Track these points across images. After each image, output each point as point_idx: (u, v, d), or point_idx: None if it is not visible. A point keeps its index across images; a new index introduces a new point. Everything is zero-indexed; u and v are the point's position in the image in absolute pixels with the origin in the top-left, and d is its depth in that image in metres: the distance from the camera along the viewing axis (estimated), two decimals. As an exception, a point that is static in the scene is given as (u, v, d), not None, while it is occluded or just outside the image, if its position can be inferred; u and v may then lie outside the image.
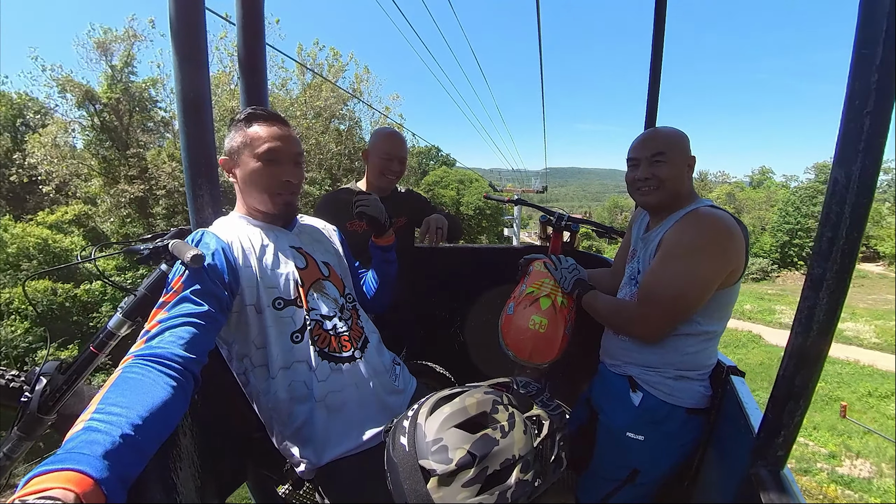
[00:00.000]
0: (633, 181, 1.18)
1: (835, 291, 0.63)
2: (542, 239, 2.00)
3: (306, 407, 0.98)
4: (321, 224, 1.25)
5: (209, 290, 0.84)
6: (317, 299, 1.04)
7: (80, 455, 0.52)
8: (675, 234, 1.08)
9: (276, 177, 0.99)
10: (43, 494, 0.46)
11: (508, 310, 1.40)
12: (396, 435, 0.68)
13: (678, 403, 1.12)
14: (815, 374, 0.68)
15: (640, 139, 1.18)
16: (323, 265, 1.10)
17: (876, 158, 0.57)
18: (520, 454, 0.64)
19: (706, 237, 1.04)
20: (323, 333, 1.02)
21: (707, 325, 1.10)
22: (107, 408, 0.60)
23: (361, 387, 1.03)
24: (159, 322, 0.77)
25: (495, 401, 0.69)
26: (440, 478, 0.61)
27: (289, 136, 1.01)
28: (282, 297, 0.98)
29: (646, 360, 1.16)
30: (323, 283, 1.07)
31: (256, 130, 0.98)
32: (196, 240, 0.95)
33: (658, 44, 1.71)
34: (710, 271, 1.03)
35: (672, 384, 1.12)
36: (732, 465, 0.96)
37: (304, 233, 1.14)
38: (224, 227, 1.01)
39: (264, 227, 1.04)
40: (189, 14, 1.08)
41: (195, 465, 1.01)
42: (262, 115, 1.00)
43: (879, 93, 0.55)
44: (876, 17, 0.54)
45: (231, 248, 0.95)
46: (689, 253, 1.05)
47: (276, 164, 0.99)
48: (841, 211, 0.60)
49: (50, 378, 0.96)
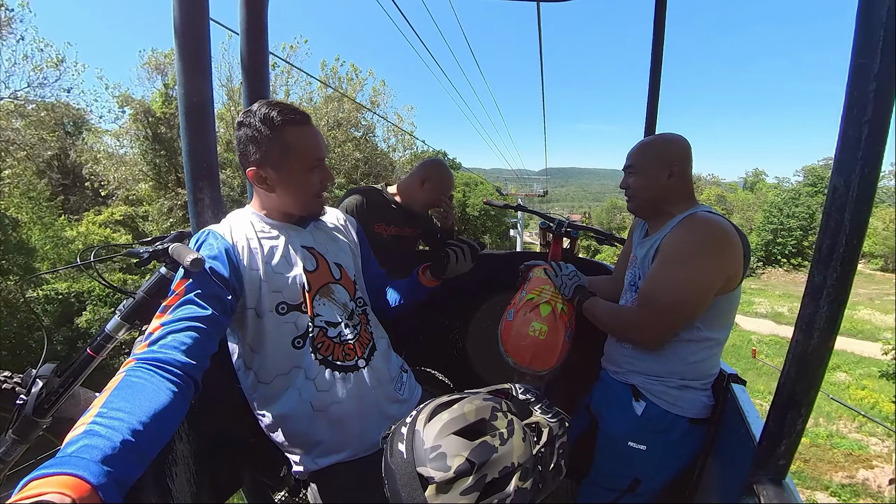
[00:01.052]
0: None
1: (835, 299, 0.62)
2: (542, 245, 2.00)
3: (304, 414, 0.96)
4: (339, 218, 1.20)
5: (212, 292, 0.84)
6: (324, 305, 1.00)
7: (80, 459, 0.52)
8: (673, 239, 1.09)
9: (321, 182, 0.99)
10: (39, 499, 0.46)
11: (508, 316, 1.39)
12: (394, 441, 0.68)
13: (681, 413, 1.11)
14: (816, 383, 0.67)
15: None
16: (335, 267, 1.06)
17: (875, 166, 0.58)
18: (519, 462, 0.63)
19: (705, 242, 1.04)
20: (326, 341, 0.99)
21: (708, 332, 1.10)
22: (109, 412, 0.60)
23: (363, 397, 1.01)
24: (162, 325, 0.77)
25: (494, 408, 0.68)
26: (438, 485, 0.60)
27: (321, 138, 1.00)
28: (286, 302, 0.95)
29: (649, 368, 1.15)
30: (332, 287, 1.04)
31: (299, 136, 0.95)
32: (201, 240, 0.93)
33: (658, 44, 1.72)
34: (709, 276, 1.03)
35: (676, 394, 1.11)
36: (734, 474, 0.95)
37: (318, 230, 1.09)
38: (233, 224, 0.97)
39: (278, 226, 1.01)
40: (193, 21, 1.10)
41: (191, 469, 1.00)
42: (297, 119, 0.95)
43: (878, 101, 0.55)
44: (873, 25, 0.55)
45: (236, 248, 0.93)
46: (687, 257, 1.05)
47: (319, 169, 0.98)
48: (841, 218, 0.60)
49: (46, 381, 0.96)
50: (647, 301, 1.10)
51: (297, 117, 0.95)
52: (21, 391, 1.01)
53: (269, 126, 0.92)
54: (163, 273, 1.00)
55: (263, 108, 0.93)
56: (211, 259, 0.88)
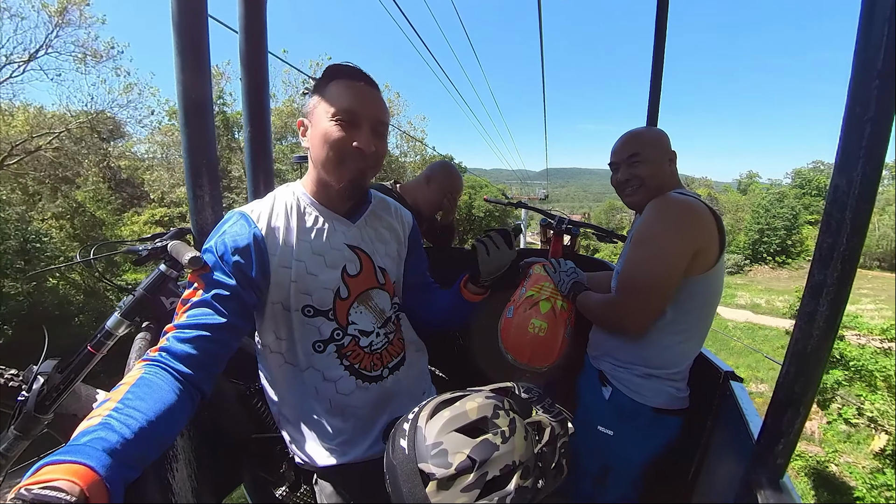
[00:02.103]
0: (617, 184, 1.23)
1: (835, 298, 0.62)
2: (542, 242, 2.00)
3: (320, 411, 0.94)
4: (397, 211, 1.05)
5: (232, 292, 0.77)
6: (360, 313, 0.92)
7: (93, 450, 0.53)
8: (642, 222, 1.11)
9: (347, 141, 0.82)
10: (49, 484, 0.47)
11: (508, 313, 1.39)
12: (396, 437, 0.68)
13: (644, 402, 1.12)
14: (815, 382, 0.67)
15: (618, 143, 1.22)
16: (380, 272, 0.96)
17: (877, 165, 0.57)
18: (520, 460, 0.63)
19: (668, 218, 1.06)
20: (357, 350, 0.93)
21: (675, 314, 1.09)
22: (126, 408, 0.60)
23: (381, 407, 0.97)
24: (176, 328, 0.74)
25: (496, 406, 0.68)
26: (439, 482, 0.60)
27: (372, 97, 0.86)
28: (313, 306, 0.88)
29: (616, 354, 1.18)
30: (372, 293, 0.94)
31: (336, 86, 0.83)
32: (227, 224, 0.83)
33: (660, 43, 1.72)
34: (674, 250, 1.04)
35: (639, 381, 1.13)
36: (731, 472, 0.95)
37: (369, 227, 0.97)
38: (275, 206, 0.87)
39: (323, 215, 0.90)
40: (192, 18, 1.09)
41: (191, 466, 1.00)
42: (345, 71, 0.85)
43: (880, 99, 0.55)
44: (877, 22, 0.54)
45: (267, 238, 0.83)
46: (651, 236, 1.07)
47: (351, 126, 0.82)
48: (842, 217, 0.59)
49: (47, 377, 0.96)
50: (622, 285, 1.12)
51: (350, 71, 0.85)
52: (23, 387, 1.01)
53: (324, 76, 0.85)
54: (162, 270, 1.00)
55: (333, 64, 0.87)
56: (236, 251, 0.79)
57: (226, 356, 0.79)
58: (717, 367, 1.16)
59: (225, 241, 0.80)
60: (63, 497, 0.46)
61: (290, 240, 0.85)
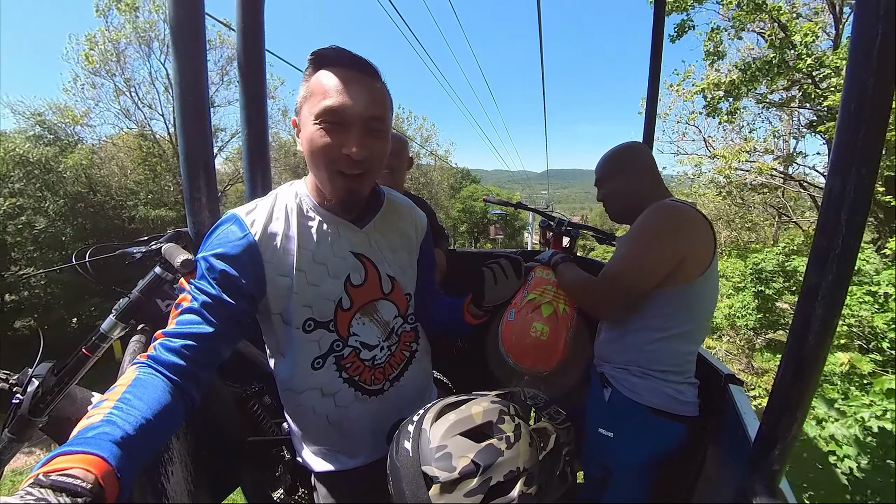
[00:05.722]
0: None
1: (831, 301, 0.61)
2: (541, 244, 1.99)
3: (318, 427, 0.92)
4: (410, 213, 0.97)
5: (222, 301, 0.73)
6: (363, 325, 0.87)
7: (101, 441, 0.53)
8: (630, 228, 1.17)
9: (335, 147, 0.71)
10: (65, 472, 0.47)
11: (509, 316, 1.39)
12: (401, 439, 0.68)
13: (640, 401, 1.13)
14: (811, 386, 0.66)
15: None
16: (387, 280, 0.89)
17: (872, 166, 0.57)
18: (524, 467, 0.63)
19: (657, 222, 1.10)
20: (357, 362, 0.88)
21: (664, 322, 1.12)
22: (126, 407, 0.60)
23: (381, 419, 0.93)
24: (164, 335, 0.72)
25: (502, 411, 0.68)
26: (442, 485, 0.60)
27: (364, 88, 0.72)
28: (314, 318, 0.82)
29: (616, 357, 1.21)
30: (377, 303, 0.88)
31: (321, 78, 0.72)
32: (219, 228, 0.78)
33: (657, 44, 1.72)
34: (655, 252, 1.08)
35: (635, 381, 1.15)
36: (730, 476, 0.94)
37: (378, 232, 0.89)
38: (275, 208, 0.80)
39: (327, 219, 0.82)
40: (189, 18, 1.09)
41: (187, 468, 1.00)
42: (330, 57, 0.72)
43: (876, 99, 0.54)
44: (871, 21, 0.54)
45: (260, 246, 0.76)
46: (638, 235, 1.13)
47: (338, 128, 0.71)
48: (837, 220, 0.59)
49: (42, 380, 0.95)
50: (601, 274, 1.18)
51: (337, 55, 0.72)
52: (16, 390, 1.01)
53: (309, 63, 0.74)
54: (157, 273, 1.00)
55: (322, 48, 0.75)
56: (226, 259, 0.74)
57: (215, 364, 0.76)
58: (718, 370, 1.15)
59: (215, 248, 0.76)
60: (79, 483, 0.46)
61: (289, 247, 0.79)
